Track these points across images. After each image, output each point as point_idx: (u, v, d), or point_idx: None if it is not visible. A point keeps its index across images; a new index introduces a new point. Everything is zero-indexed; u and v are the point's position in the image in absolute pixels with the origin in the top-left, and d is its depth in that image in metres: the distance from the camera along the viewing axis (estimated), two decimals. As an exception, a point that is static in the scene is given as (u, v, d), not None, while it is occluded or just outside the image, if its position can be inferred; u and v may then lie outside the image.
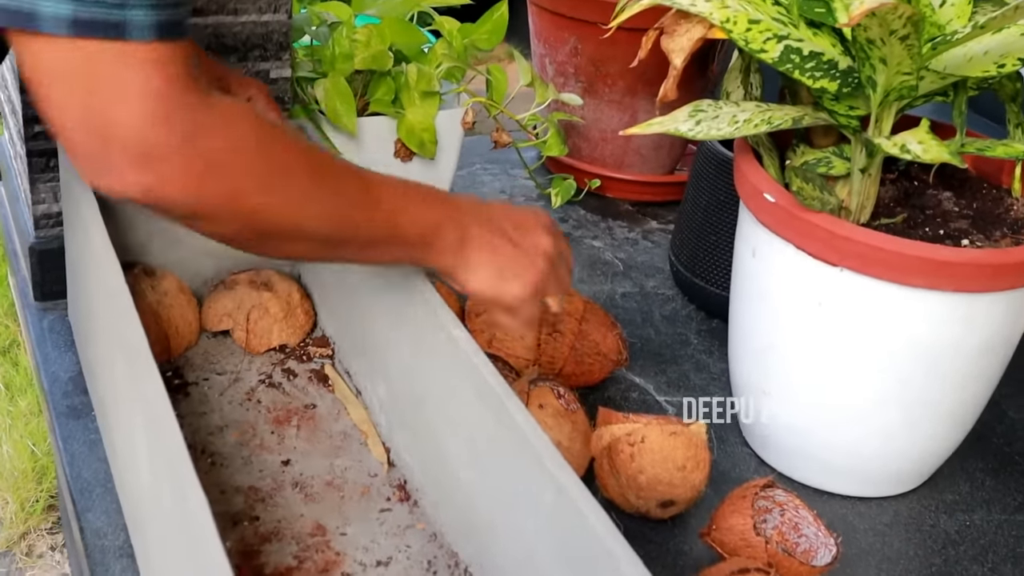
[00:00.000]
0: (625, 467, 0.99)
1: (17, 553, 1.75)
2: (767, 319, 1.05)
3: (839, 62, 0.93)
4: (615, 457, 0.99)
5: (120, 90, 0.67)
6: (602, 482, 1.03)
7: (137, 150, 0.68)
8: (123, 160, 0.69)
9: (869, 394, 1.01)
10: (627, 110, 1.57)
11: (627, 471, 0.99)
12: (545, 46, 1.60)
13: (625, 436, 0.99)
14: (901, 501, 1.10)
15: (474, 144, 1.67)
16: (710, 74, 1.55)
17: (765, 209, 0.99)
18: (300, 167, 0.79)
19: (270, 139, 0.76)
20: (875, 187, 0.99)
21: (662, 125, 0.96)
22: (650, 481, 0.99)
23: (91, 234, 0.97)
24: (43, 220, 1.24)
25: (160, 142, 0.69)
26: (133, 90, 0.67)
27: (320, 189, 0.80)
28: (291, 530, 0.97)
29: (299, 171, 0.79)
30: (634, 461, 0.98)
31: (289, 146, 0.79)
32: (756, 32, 0.90)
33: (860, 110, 0.96)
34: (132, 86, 0.67)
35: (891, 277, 0.93)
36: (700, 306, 1.37)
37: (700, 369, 1.26)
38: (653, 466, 0.98)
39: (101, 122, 0.68)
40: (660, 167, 1.64)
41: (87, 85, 0.68)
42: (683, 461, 0.99)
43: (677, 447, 0.99)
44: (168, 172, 0.70)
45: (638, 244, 1.52)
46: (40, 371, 1.18)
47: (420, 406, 1.00)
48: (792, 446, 1.09)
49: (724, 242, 1.27)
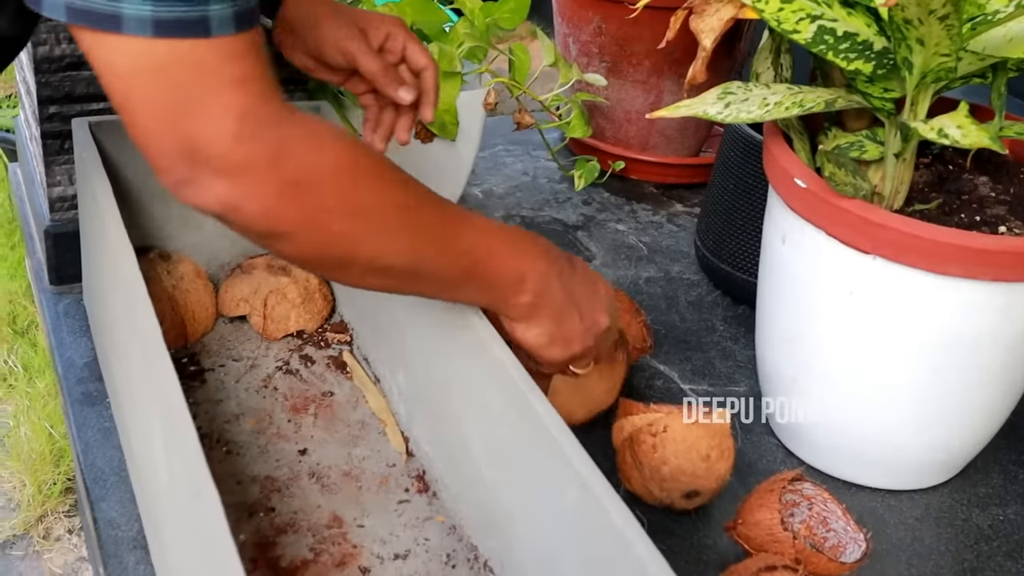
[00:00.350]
0: (648, 458, 0.96)
1: (34, 536, 1.74)
2: (796, 308, 1.02)
3: (874, 43, 0.89)
4: (637, 448, 0.97)
5: (206, 102, 0.66)
6: (624, 474, 1.00)
7: (222, 165, 0.67)
8: (207, 174, 0.67)
9: (901, 385, 0.98)
10: (652, 90, 1.54)
11: (650, 462, 0.96)
12: (568, 25, 1.57)
13: (647, 426, 0.97)
14: (932, 494, 1.07)
15: (497, 125, 1.64)
16: (737, 54, 1.52)
17: (796, 194, 0.96)
18: (386, 195, 0.76)
19: (356, 163, 0.74)
20: (909, 172, 0.96)
21: (690, 108, 0.93)
22: (673, 472, 0.96)
23: (106, 220, 0.95)
24: (58, 203, 1.22)
25: (246, 158, 0.67)
26: (219, 103, 0.66)
27: (405, 221, 0.77)
28: (308, 521, 0.95)
29: (385, 200, 0.75)
30: (656, 452, 0.96)
31: (376, 172, 0.76)
32: (788, 12, 0.87)
33: (895, 92, 0.92)
34: (218, 99, 0.66)
35: (926, 265, 0.90)
36: (726, 292, 1.34)
37: (726, 357, 1.23)
38: (676, 456, 0.96)
39: (185, 134, 0.66)
40: (685, 149, 1.61)
41: (171, 93, 0.66)
42: (707, 450, 0.96)
43: (701, 436, 0.96)
44: (251, 189, 0.68)
45: (663, 227, 1.49)
46: (55, 356, 1.17)
47: (440, 396, 0.98)
48: (821, 437, 1.06)
49: (751, 226, 1.24)
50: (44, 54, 1.12)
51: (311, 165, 0.70)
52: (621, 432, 1.00)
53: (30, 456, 1.83)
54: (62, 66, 1.13)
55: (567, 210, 1.52)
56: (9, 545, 1.73)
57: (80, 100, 1.16)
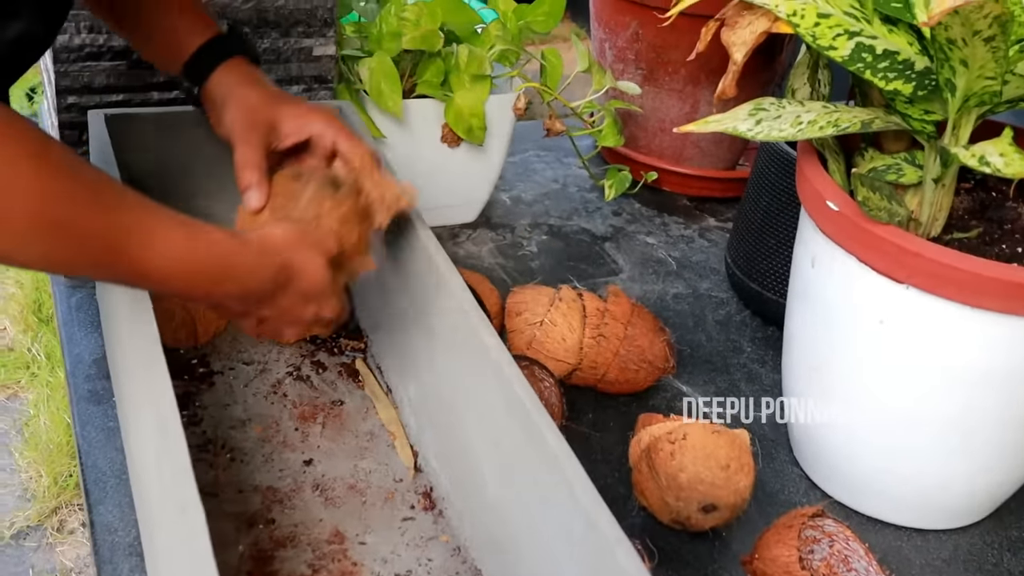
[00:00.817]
0: (665, 465, 0.93)
1: (48, 528, 1.73)
2: (824, 334, 0.98)
3: (916, 62, 0.85)
4: (655, 456, 0.93)
5: None
6: (640, 488, 0.96)
7: None
8: None
9: (930, 420, 0.94)
10: (688, 100, 1.50)
11: (667, 469, 0.93)
12: (605, 30, 1.53)
13: (665, 434, 0.94)
14: (962, 535, 1.02)
15: (529, 130, 1.61)
16: (777, 67, 1.48)
17: (827, 217, 0.92)
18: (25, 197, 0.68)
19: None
20: (949, 198, 0.92)
21: (720, 123, 0.89)
22: (691, 480, 0.92)
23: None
24: (75, 195, 1.20)
25: None
26: None
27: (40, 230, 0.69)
28: (308, 536, 0.92)
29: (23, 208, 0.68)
30: (674, 459, 0.93)
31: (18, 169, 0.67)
32: (825, 27, 0.83)
33: (936, 115, 0.88)
34: None
35: (961, 298, 0.85)
36: (755, 311, 1.30)
37: (752, 379, 1.19)
38: (695, 463, 0.92)
39: None
40: (721, 162, 1.57)
41: None
42: (726, 460, 0.92)
43: (720, 445, 0.93)
44: None
45: (694, 242, 1.45)
46: (64, 351, 1.15)
47: (450, 412, 0.94)
48: (845, 470, 1.02)
49: (784, 245, 1.20)
50: (63, 43, 1.10)
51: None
52: (639, 445, 0.97)
53: (47, 447, 1.82)
54: (81, 56, 1.11)
55: (596, 220, 1.48)
56: (23, 536, 1.72)
57: (99, 91, 1.14)
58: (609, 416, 1.11)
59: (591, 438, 1.08)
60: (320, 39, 1.21)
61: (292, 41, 1.20)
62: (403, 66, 1.29)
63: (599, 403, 1.12)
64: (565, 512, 0.73)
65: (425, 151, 1.32)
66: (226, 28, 1.01)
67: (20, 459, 1.85)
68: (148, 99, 1.17)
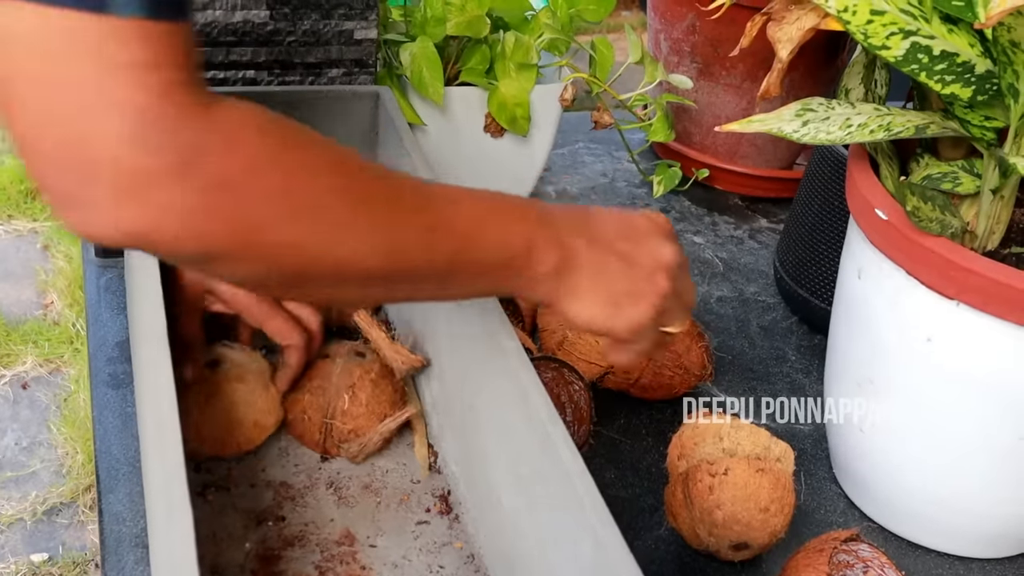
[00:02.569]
0: (701, 499, 0.88)
1: (80, 505, 1.72)
2: (868, 349, 0.93)
3: (976, 65, 0.80)
4: (692, 486, 0.89)
5: (93, 96, 0.52)
6: (672, 510, 0.92)
7: (119, 179, 0.53)
8: (100, 191, 0.53)
9: (980, 445, 0.88)
10: (745, 96, 1.44)
11: (703, 503, 0.88)
12: (661, 21, 1.48)
13: (707, 464, 0.89)
14: (1008, 565, 0.97)
15: (579, 121, 1.56)
16: (839, 64, 1.42)
17: (876, 227, 0.87)
18: (332, 188, 0.62)
19: (291, 154, 0.60)
20: (1008, 210, 0.86)
21: (764, 123, 0.84)
22: (727, 519, 0.88)
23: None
24: (107, 173, 1.18)
25: (148, 169, 0.53)
26: (110, 98, 0.52)
27: (362, 215, 0.63)
28: (318, 536, 0.89)
29: (331, 194, 0.62)
30: (712, 494, 0.88)
31: (318, 162, 0.62)
32: (878, 25, 0.77)
33: (998, 122, 0.83)
34: (112, 95, 0.52)
35: (1016, 318, 0.80)
36: (803, 319, 1.25)
37: (795, 390, 1.14)
38: (733, 503, 0.88)
39: (68, 135, 0.52)
40: (777, 160, 1.52)
41: (53, 80, 0.52)
42: (767, 503, 0.88)
43: (763, 486, 0.88)
44: (159, 210, 0.54)
45: (743, 244, 1.40)
46: (89, 332, 1.13)
47: (469, 415, 0.91)
48: (887, 492, 0.97)
49: (834, 251, 1.15)
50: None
51: (226, 167, 0.56)
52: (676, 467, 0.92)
53: (84, 423, 1.81)
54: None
55: (643, 217, 1.44)
56: (56, 512, 1.72)
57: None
58: (641, 422, 1.07)
59: (621, 445, 1.04)
60: (362, 22, 1.17)
61: (333, 23, 1.16)
62: (447, 52, 1.25)
63: (631, 408, 1.08)
64: (575, 530, 0.69)
65: (467, 140, 1.28)
66: None
67: (58, 435, 1.85)
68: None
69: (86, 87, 0.52)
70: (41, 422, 1.86)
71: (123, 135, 0.52)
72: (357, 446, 0.95)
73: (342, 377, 0.97)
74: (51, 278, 2.22)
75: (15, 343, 2.09)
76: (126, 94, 0.52)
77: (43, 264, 2.31)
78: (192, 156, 0.54)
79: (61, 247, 2.26)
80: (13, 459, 1.84)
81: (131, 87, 0.52)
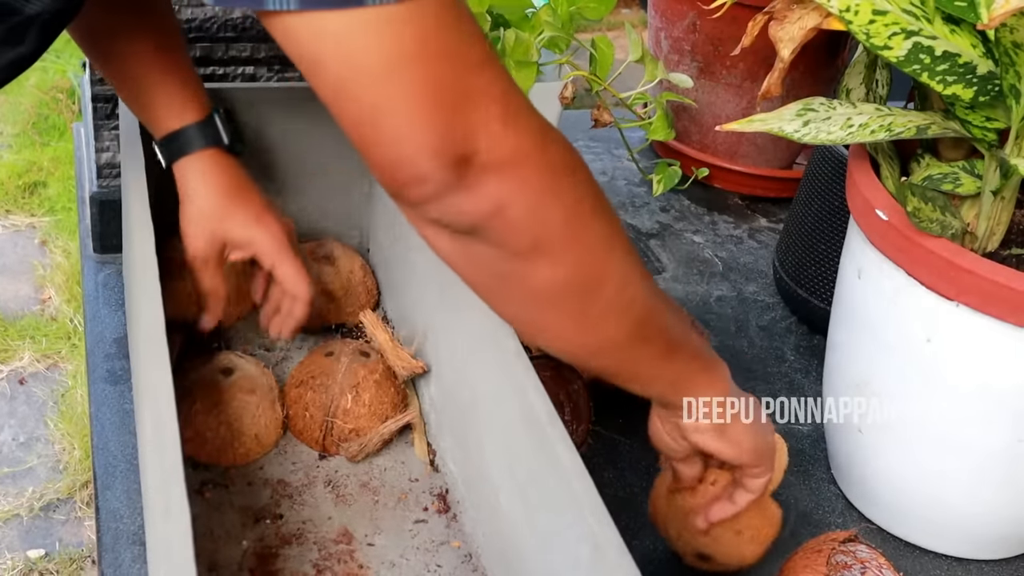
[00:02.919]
0: (682, 496, 0.88)
1: (77, 502, 1.72)
2: (868, 350, 0.92)
3: (978, 66, 0.79)
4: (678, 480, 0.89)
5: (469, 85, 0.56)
6: (653, 500, 0.91)
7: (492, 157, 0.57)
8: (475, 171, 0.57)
9: (977, 445, 0.88)
10: (745, 95, 1.44)
11: (683, 500, 0.88)
12: (662, 19, 1.48)
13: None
14: (1006, 567, 0.97)
15: (579, 119, 1.56)
16: (840, 63, 1.42)
17: (876, 228, 0.86)
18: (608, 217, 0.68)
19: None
20: (1008, 212, 0.86)
21: (764, 123, 0.84)
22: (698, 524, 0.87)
23: (130, 192, 0.90)
24: (106, 169, 1.18)
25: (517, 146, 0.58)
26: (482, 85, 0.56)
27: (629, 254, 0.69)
28: (315, 534, 0.89)
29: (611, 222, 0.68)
30: (694, 497, 0.87)
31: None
32: (880, 25, 0.77)
33: (999, 123, 0.82)
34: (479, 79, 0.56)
35: (1016, 319, 0.80)
36: (802, 319, 1.24)
37: (793, 390, 1.13)
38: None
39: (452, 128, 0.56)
40: (777, 160, 1.51)
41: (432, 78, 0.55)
42: (743, 527, 0.87)
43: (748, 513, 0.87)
44: (521, 184, 0.59)
45: (743, 243, 1.40)
46: (87, 328, 1.12)
47: (467, 414, 0.91)
48: (884, 493, 0.97)
49: (834, 251, 1.14)
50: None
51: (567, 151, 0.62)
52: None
53: (81, 419, 1.81)
54: (114, 28, 1.08)
55: (643, 216, 1.43)
56: (52, 508, 1.72)
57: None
58: (640, 422, 1.06)
59: (620, 444, 1.04)
60: (361, 18, 1.17)
61: (332, 20, 1.16)
62: (447, 49, 1.25)
63: (630, 408, 1.07)
64: (574, 532, 0.69)
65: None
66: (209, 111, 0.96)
67: (55, 430, 1.84)
68: (183, 74, 1.15)
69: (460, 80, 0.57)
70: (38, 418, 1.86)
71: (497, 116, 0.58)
72: (357, 446, 0.95)
73: (346, 376, 0.97)
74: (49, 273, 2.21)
75: (12, 338, 2.08)
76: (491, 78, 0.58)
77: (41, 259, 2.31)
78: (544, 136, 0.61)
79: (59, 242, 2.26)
80: (10, 455, 1.84)
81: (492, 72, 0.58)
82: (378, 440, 0.95)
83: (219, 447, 0.94)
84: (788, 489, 1.01)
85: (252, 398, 0.95)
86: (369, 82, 0.54)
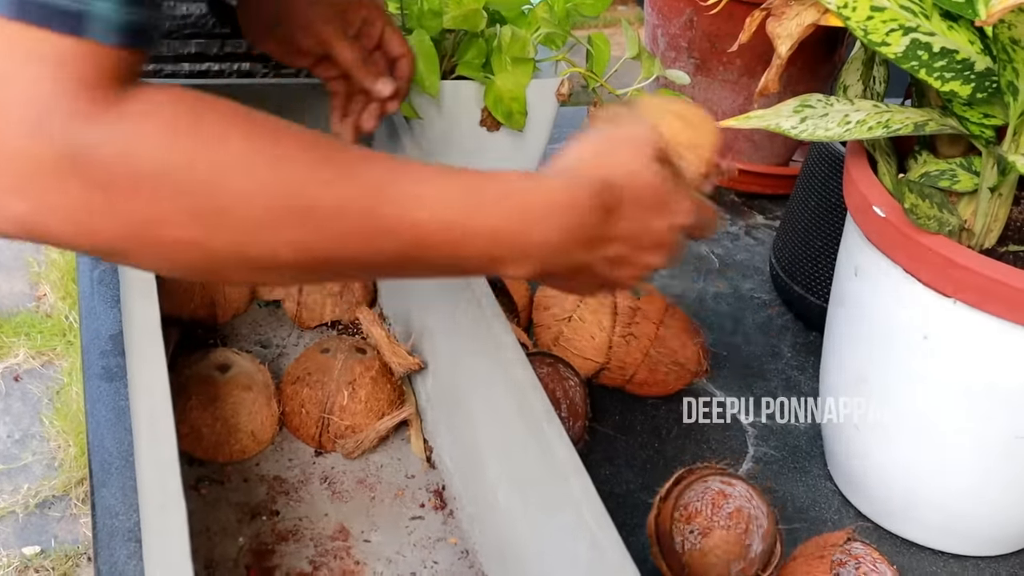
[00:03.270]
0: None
1: (73, 498, 1.71)
2: (865, 346, 0.92)
3: (976, 62, 0.79)
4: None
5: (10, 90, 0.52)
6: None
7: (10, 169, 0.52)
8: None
9: (974, 442, 0.88)
10: (742, 92, 1.44)
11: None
12: (658, 16, 1.47)
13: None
14: (1002, 563, 0.97)
15: (575, 115, 1.55)
16: (837, 59, 1.42)
17: (873, 224, 0.86)
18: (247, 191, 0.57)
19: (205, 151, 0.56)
20: (1006, 208, 0.86)
21: (762, 120, 0.84)
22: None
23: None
24: (101, 165, 1.17)
25: (42, 162, 0.52)
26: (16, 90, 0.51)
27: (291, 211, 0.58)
28: (312, 530, 0.89)
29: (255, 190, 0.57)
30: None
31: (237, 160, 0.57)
32: (878, 21, 0.77)
33: (996, 119, 0.82)
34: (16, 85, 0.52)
35: (1013, 317, 0.80)
36: (798, 316, 1.24)
37: (790, 387, 1.13)
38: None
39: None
40: (774, 156, 1.51)
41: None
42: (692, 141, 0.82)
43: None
44: (49, 200, 0.53)
45: (739, 240, 1.40)
46: (82, 324, 1.12)
47: (463, 409, 0.90)
48: (881, 490, 0.97)
49: (831, 248, 1.15)
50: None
51: (120, 163, 0.53)
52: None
53: (77, 416, 1.80)
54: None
55: (639, 212, 1.43)
56: (48, 505, 1.71)
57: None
58: (636, 419, 1.07)
59: (616, 441, 1.04)
60: (358, 14, 1.16)
61: (328, 15, 1.15)
62: (444, 46, 1.25)
63: (626, 404, 1.08)
64: (571, 529, 0.69)
65: (463, 134, 1.28)
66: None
67: (50, 427, 1.84)
68: (179, 70, 1.14)
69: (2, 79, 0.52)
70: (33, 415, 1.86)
71: (23, 125, 0.52)
72: (353, 443, 0.94)
73: (343, 373, 0.97)
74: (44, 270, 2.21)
75: (7, 335, 2.08)
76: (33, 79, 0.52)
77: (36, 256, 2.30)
78: (85, 151, 0.53)
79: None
80: (5, 452, 1.84)
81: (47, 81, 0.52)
82: (374, 437, 0.95)
83: (215, 443, 0.94)
84: (784, 485, 1.01)
85: (248, 394, 0.95)
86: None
